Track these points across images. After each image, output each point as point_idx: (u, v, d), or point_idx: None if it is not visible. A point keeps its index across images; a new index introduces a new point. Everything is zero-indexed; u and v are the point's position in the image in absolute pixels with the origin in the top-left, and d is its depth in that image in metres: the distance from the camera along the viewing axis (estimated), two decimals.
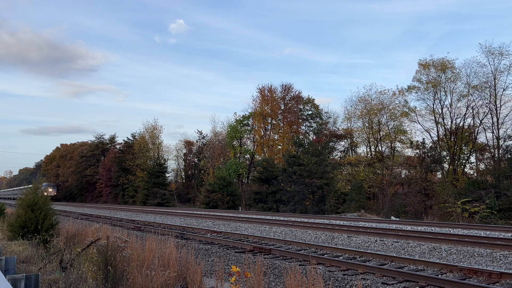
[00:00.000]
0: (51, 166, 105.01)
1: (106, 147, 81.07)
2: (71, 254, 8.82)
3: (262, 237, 13.64)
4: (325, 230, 14.86)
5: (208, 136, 56.16)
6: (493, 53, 30.00)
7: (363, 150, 42.88)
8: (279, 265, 9.16)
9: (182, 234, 14.79)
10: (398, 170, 36.38)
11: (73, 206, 48.45)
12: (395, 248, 11.19)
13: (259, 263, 6.66)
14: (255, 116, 47.54)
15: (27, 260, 9.45)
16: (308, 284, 5.90)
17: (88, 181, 75.52)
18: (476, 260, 9.52)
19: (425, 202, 29.22)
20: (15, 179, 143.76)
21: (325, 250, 10.95)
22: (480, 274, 7.70)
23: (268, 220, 18.90)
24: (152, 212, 28.14)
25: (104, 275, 6.64)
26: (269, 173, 38.64)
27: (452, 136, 32.73)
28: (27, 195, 12.99)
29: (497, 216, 23.72)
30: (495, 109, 30.04)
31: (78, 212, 31.28)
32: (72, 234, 12.68)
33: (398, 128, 38.20)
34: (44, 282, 6.77)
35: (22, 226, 12.43)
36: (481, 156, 33.45)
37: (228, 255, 10.94)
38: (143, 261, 7.47)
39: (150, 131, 61.71)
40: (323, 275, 8.00)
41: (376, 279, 7.70)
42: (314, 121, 48.09)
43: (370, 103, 39.52)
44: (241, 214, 23.40)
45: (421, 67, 34.28)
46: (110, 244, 7.08)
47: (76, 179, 78.31)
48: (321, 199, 34.58)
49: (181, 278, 7.03)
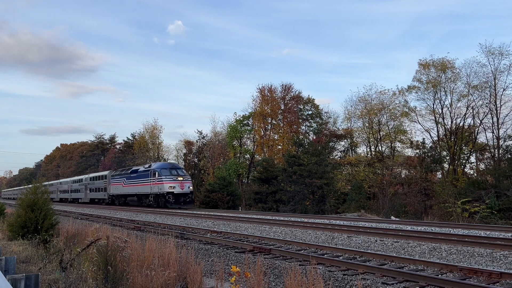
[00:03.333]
0: (51, 166, 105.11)
1: (106, 147, 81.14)
2: (71, 254, 8.83)
3: (262, 237, 13.64)
4: (325, 230, 14.86)
5: (208, 136, 56.18)
6: (493, 53, 30.04)
7: (363, 150, 42.94)
8: (279, 265, 9.16)
9: (182, 234, 14.79)
10: (398, 170, 36.40)
11: (73, 206, 48.42)
12: (395, 248, 11.19)
13: (259, 263, 6.66)
14: (255, 116, 47.53)
15: (27, 260, 9.45)
16: (308, 284, 5.90)
17: None
18: (476, 260, 9.51)
19: (425, 202, 29.24)
20: (15, 179, 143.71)
21: (325, 250, 10.94)
22: (480, 274, 7.70)
23: (268, 220, 18.90)
24: (152, 212, 28.15)
25: (104, 275, 6.64)
26: (269, 173, 38.64)
27: (452, 136, 32.73)
28: (27, 195, 13.00)
29: (497, 216, 23.73)
30: (495, 109, 30.06)
31: (78, 212, 31.28)
32: (72, 234, 12.68)
33: (398, 128, 38.21)
34: (44, 282, 6.77)
35: (22, 226, 12.44)
36: (481, 156, 33.46)
37: (228, 255, 10.94)
38: (143, 261, 7.47)
39: (150, 131, 61.70)
40: (323, 275, 7.99)
41: (376, 279, 7.70)
42: (314, 121, 48.10)
43: (370, 103, 39.55)
44: (241, 214, 23.40)
45: (421, 67, 34.31)
46: (110, 244, 7.08)
47: None
48: (321, 199, 34.58)
49: (181, 278, 7.03)
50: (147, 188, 35.57)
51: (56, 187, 67.42)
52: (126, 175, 40.87)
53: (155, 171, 34.48)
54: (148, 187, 35.24)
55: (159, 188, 33.44)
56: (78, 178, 58.14)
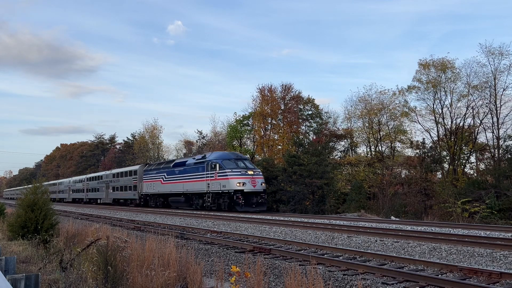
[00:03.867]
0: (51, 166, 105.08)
1: (106, 147, 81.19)
2: (71, 254, 8.83)
3: (262, 237, 13.64)
4: (325, 230, 14.86)
5: (208, 136, 56.21)
6: (493, 53, 30.00)
7: (363, 150, 42.90)
8: (279, 265, 9.16)
9: (182, 234, 14.79)
10: (398, 170, 36.38)
11: (73, 206, 48.40)
12: (395, 248, 11.19)
13: (259, 263, 6.66)
14: (255, 116, 47.53)
15: (27, 260, 9.46)
16: (308, 284, 5.90)
17: None
18: (476, 260, 9.51)
19: (425, 202, 29.22)
20: (15, 179, 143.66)
21: (325, 250, 10.94)
22: (480, 274, 7.70)
23: (268, 220, 18.89)
24: (152, 212, 28.13)
25: (104, 275, 6.64)
26: (269, 173, 38.62)
27: (452, 136, 32.72)
28: (26, 195, 13.00)
29: (497, 216, 23.72)
30: (495, 109, 30.05)
31: (78, 212, 31.28)
32: (72, 234, 12.69)
33: (398, 128, 38.19)
34: (44, 282, 6.77)
35: (22, 226, 12.45)
36: (481, 156, 33.44)
37: (228, 255, 10.94)
38: (143, 261, 7.47)
39: (150, 131, 61.79)
40: (323, 275, 7.99)
41: (376, 279, 7.70)
42: (314, 121, 48.08)
43: (370, 103, 39.52)
44: (241, 214, 23.39)
45: (421, 67, 34.29)
46: (110, 244, 7.08)
47: None
48: (321, 199, 34.57)
49: (181, 278, 7.04)
50: (201, 185, 28.28)
51: (68, 186, 61.90)
52: (166, 169, 33.36)
53: (214, 163, 27.17)
54: (203, 183, 27.99)
55: (222, 185, 26.17)
56: (97, 175, 52.06)
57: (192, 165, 29.90)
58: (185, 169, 30.47)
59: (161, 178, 33.70)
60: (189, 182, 29.77)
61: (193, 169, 29.43)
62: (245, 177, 25.54)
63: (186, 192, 30.17)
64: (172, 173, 32.19)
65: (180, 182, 30.90)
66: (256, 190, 25.54)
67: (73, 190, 59.81)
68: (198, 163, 29.21)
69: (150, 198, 36.12)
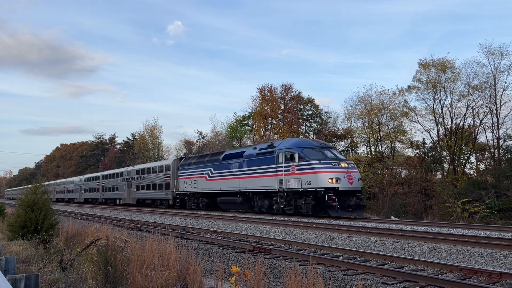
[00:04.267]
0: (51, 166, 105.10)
1: (106, 147, 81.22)
2: (71, 254, 8.83)
3: (262, 237, 13.64)
4: (325, 230, 14.86)
5: (208, 136, 56.24)
6: (493, 53, 30.05)
7: (363, 150, 42.93)
8: (279, 265, 9.16)
9: (182, 234, 14.79)
10: (398, 170, 36.41)
11: (73, 206, 48.37)
12: (395, 248, 11.19)
13: (259, 263, 6.66)
14: (255, 116, 47.55)
15: (27, 260, 9.46)
16: (308, 284, 5.90)
17: None
18: (476, 260, 9.51)
19: (425, 202, 29.25)
20: (15, 179, 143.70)
21: (325, 250, 10.94)
22: (480, 274, 7.70)
23: (268, 220, 18.89)
24: (152, 212, 28.13)
25: (104, 275, 6.64)
26: None
27: (452, 136, 32.73)
28: (26, 195, 13.00)
29: (497, 216, 23.74)
30: (495, 109, 30.07)
31: (78, 212, 31.28)
32: (72, 234, 12.69)
33: (398, 128, 38.21)
34: (44, 282, 6.77)
35: (22, 226, 12.46)
36: (481, 156, 33.47)
37: (228, 255, 10.94)
38: (143, 261, 7.48)
39: (150, 131, 61.85)
40: (323, 275, 7.99)
41: (376, 279, 7.70)
42: (314, 121, 48.11)
43: (370, 103, 39.54)
44: (241, 214, 23.37)
45: (421, 67, 34.33)
46: (110, 244, 7.08)
47: None
48: None
49: (181, 278, 7.04)
50: (269, 182, 21.87)
51: (79, 185, 55.84)
52: (213, 162, 26.99)
53: (291, 153, 20.73)
54: (273, 179, 21.58)
55: (305, 182, 19.72)
56: (115, 172, 45.24)
57: (254, 156, 23.52)
58: (243, 161, 24.13)
59: (205, 174, 27.45)
60: (249, 178, 23.46)
61: (256, 161, 23.14)
62: (339, 171, 19.30)
63: (245, 191, 23.93)
64: (221, 167, 25.91)
65: (234, 178, 24.62)
66: (353, 188, 19.62)
67: (86, 189, 53.71)
68: (263, 153, 22.82)
69: (189, 198, 29.75)
